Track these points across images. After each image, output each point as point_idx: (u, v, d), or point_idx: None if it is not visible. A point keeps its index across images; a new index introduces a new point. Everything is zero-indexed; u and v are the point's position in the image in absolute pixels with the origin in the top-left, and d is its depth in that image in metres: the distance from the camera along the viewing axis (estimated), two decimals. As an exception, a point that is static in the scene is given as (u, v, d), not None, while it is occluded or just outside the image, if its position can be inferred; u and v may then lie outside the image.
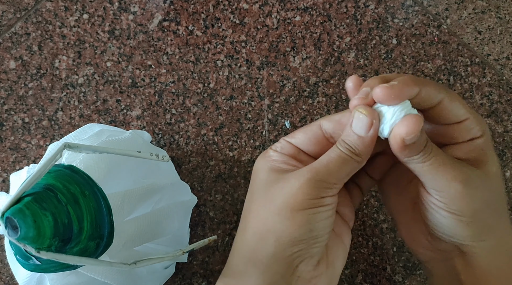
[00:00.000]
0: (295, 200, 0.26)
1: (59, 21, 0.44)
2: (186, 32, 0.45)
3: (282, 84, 0.44)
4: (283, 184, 0.27)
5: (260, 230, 0.27)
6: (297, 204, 0.26)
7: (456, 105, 0.27)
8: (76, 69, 0.44)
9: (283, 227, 0.26)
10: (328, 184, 0.26)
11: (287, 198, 0.26)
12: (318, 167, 0.26)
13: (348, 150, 0.26)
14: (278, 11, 0.45)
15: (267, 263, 0.27)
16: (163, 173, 0.39)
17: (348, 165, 0.26)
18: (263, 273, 0.27)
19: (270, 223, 0.26)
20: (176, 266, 0.42)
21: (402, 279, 0.43)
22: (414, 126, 0.24)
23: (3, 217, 0.25)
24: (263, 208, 0.27)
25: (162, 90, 0.44)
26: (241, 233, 0.29)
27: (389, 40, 0.45)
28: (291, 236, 0.26)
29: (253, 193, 0.29)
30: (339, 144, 0.27)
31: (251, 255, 0.27)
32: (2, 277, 0.42)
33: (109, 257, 0.30)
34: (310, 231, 0.26)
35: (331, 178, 0.26)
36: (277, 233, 0.26)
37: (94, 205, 0.28)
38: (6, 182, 0.43)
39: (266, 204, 0.27)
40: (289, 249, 0.26)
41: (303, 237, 0.26)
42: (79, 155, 0.30)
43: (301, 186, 0.26)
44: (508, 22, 0.46)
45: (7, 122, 0.43)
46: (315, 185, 0.26)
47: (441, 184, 0.26)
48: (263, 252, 0.27)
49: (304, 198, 0.26)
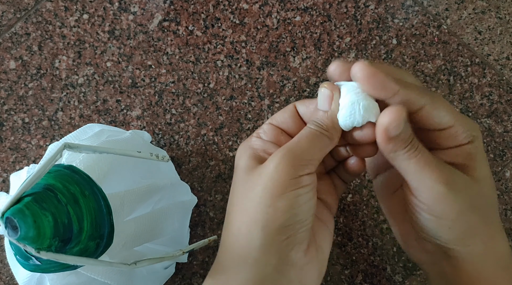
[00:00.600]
0: (273, 182, 0.25)
1: (59, 21, 0.44)
2: (186, 32, 0.45)
3: (282, 84, 0.44)
4: (261, 170, 0.26)
5: (244, 223, 0.26)
6: (276, 188, 0.25)
7: (440, 112, 0.26)
8: (76, 69, 0.44)
9: (267, 215, 0.26)
10: (302, 160, 0.26)
11: (265, 182, 0.26)
12: (290, 145, 0.27)
13: (315, 125, 0.27)
14: (278, 11, 0.45)
15: (257, 255, 0.26)
16: (163, 173, 0.39)
17: (318, 140, 0.27)
18: (254, 265, 0.26)
19: (253, 213, 0.26)
20: (176, 266, 0.42)
21: (402, 279, 0.43)
22: (396, 115, 0.24)
23: (3, 217, 0.25)
24: (245, 199, 0.27)
25: (162, 90, 0.44)
26: (226, 228, 0.28)
27: (389, 40, 0.45)
28: (276, 224, 0.26)
29: (234, 184, 0.28)
30: (310, 123, 0.28)
31: (239, 250, 0.26)
32: (2, 277, 0.42)
33: (109, 257, 0.30)
34: (295, 215, 0.26)
35: (304, 154, 0.26)
36: (262, 223, 0.26)
37: (94, 205, 0.28)
38: (6, 182, 0.43)
39: (247, 193, 0.27)
40: (277, 237, 0.26)
41: (288, 222, 0.26)
42: (79, 155, 0.30)
43: (276, 166, 0.26)
44: (508, 22, 0.46)
45: (7, 122, 0.43)
46: (290, 162, 0.26)
47: (425, 185, 0.26)
48: (251, 244, 0.26)
49: (281, 179, 0.25)
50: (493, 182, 0.29)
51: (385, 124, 0.24)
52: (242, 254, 0.26)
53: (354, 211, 0.43)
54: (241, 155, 0.29)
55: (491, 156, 0.44)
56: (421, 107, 0.26)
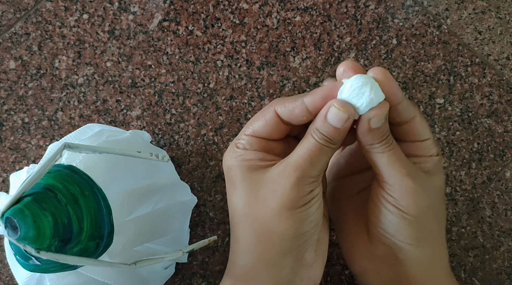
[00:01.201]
0: (291, 200, 0.27)
1: (59, 21, 0.44)
2: (186, 32, 0.45)
3: (282, 84, 0.44)
4: (273, 186, 0.27)
5: (263, 232, 0.28)
6: (294, 204, 0.27)
7: (424, 124, 0.29)
8: (76, 69, 0.44)
9: (285, 226, 0.27)
10: (313, 177, 0.28)
11: (282, 200, 0.27)
12: (302, 164, 0.27)
13: (324, 140, 0.27)
14: (278, 11, 0.45)
15: (277, 259, 0.28)
16: (163, 173, 0.39)
17: (326, 153, 0.28)
18: (273, 268, 0.28)
19: (272, 225, 0.28)
20: (176, 266, 0.42)
21: (402, 279, 0.43)
22: (381, 110, 0.26)
23: (3, 217, 0.25)
24: (259, 211, 0.28)
25: (162, 90, 0.44)
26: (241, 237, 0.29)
27: (389, 40, 0.45)
28: (295, 233, 0.28)
29: (239, 195, 0.29)
30: (315, 134, 0.27)
31: (259, 255, 0.28)
32: (1, 278, 0.42)
33: (109, 257, 0.30)
34: (310, 223, 0.28)
35: (315, 170, 0.27)
36: (281, 233, 0.28)
37: (94, 205, 0.28)
38: (6, 182, 0.43)
39: (261, 207, 0.28)
40: (295, 243, 0.28)
41: (305, 230, 0.28)
42: (79, 155, 0.30)
43: (293, 187, 0.27)
44: (508, 22, 0.46)
45: (7, 122, 0.43)
46: (304, 182, 0.27)
47: (395, 177, 0.28)
48: (271, 251, 0.28)
49: (299, 197, 0.27)
50: (444, 195, 0.32)
51: (370, 116, 0.26)
52: (262, 257, 0.28)
53: (354, 211, 0.43)
54: (235, 166, 0.29)
55: (491, 156, 0.44)
56: (412, 118, 0.28)
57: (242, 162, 0.29)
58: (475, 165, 0.44)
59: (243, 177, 0.29)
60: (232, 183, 0.29)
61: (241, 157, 0.29)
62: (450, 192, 0.44)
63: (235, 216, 0.30)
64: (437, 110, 0.44)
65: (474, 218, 0.44)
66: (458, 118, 0.44)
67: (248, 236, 0.29)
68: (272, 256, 0.28)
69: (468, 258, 0.43)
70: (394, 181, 0.28)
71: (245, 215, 0.29)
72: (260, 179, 0.28)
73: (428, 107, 0.45)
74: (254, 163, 0.29)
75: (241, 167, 0.29)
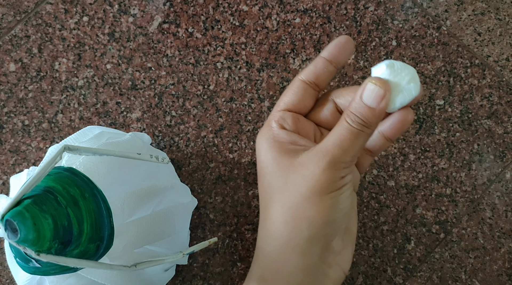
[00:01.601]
0: (320, 186, 0.26)
1: (59, 24, 0.44)
2: (186, 34, 0.45)
3: (282, 86, 0.44)
4: (303, 171, 0.27)
5: (292, 218, 0.27)
6: (323, 189, 0.27)
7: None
8: (76, 71, 0.44)
9: (314, 212, 0.27)
10: (345, 163, 0.27)
11: (312, 185, 0.27)
12: (333, 149, 0.26)
13: (359, 124, 0.26)
14: (277, 13, 0.45)
15: (305, 246, 0.27)
16: (163, 175, 0.38)
17: (360, 139, 0.27)
18: (302, 255, 0.28)
19: (301, 211, 0.27)
20: (177, 268, 0.42)
21: (402, 281, 0.43)
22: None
23: (3, 219, 0.25)
24: (288, 197, 0.27)
25: (162, 92, 0.44)
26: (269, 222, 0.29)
27: (388, 42, 0.45)
28: (324, 219, 0.27)
29: (269, 180, 0.28)
30: (349, 117, 0.27)
31: (287, 242, 0.28)
32: (2, 280, 0.42)
33: (109, 259, 0.30)
34: (340, 211, 0.27)
35: (347, 156, 0.26)
36: (309, 219, 0.27)
37: (94, 207, 0.28)
38: (6, 184, 0.43)
39: (290, 192, 0.27)
40: (323, 231, 0.27)
41: (334, 217, 0.27)
42: (79, 157, 0.30)
43: (323, 172, 0.26)
44: (508, 23, 0.46)
45: (7, 124, 0.43)
46: (335, 167, 0.26)
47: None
48: (299, 237, 0.27)
49: (327, 182, 0.26)
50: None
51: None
52: (290, 245, 0.28)
53: (354, 213, 0.43)
54: (266, 148, 0.29)
55: (491, 157, 0.44)
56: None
57: (274, 143, 0.28)
58: (475, 166, 0.44)
59: (273, 160, 0.28)
60: (263, 166, 0.29)
61: (273, 138, 0.28)
62: (451, 193, 0.44)
63: (264, 201, 0.29)
64: (437, 111, 0.45)
65: (475, 219, 0.43)
66: (458, 120, 0.44)
67: (276, 222, 0.28)
68: (299, 242, 0.27)
69: (469, 259, 0.43)
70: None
71: (274, 200, 0.28)
72: (291, 164, 0.27)
73: (428, 108, 0.45)
74: (286, 146, 0.28)
75: (273, 149, 0.28)
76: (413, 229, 0.43)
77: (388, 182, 0.44)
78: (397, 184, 0.44)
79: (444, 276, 0.43)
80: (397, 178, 0.44)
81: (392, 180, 0.44)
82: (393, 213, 0.43)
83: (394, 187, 0.44)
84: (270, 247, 0.29)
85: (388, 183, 0.44)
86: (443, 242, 0.43)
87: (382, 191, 0.44)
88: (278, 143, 0.28)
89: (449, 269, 0.43)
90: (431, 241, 0.43)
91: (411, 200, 0.44)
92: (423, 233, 0.43)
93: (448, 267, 0.43)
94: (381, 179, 0.44)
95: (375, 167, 0.44)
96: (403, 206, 0.44)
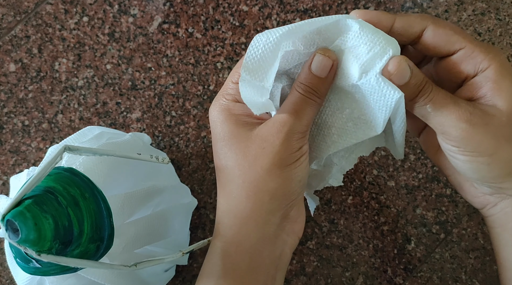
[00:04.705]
0: (281, 157, 0.27)
1: (59, 24, 0.44)
2: (186, 34, 0.45)
3: (282, 86, 0.44)
4: (262, 143, 0.27)
5: (253, 193, 0.28)
6: (283, 161, 0.27)
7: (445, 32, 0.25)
8: (76, 72, 0.44)
9: (275, 185, 0.27)
10: (301, 133, 0.27)
11: (271, 157, 0.27)
12: (288, 118, 0.27)
13: (310, 93, 0.27)
14: (277, 13, 0.45)
15: (266, 218, 0.28)
16: (163, 175, 0.39)
17: (313, 107, 0.27)
18: (263, 226, 0.28)
19: (262, 185, 0.27)
20: (176, 268, 0.42)
21: (403, 281, 0.43)
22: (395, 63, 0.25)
23: (3, 219, 0.25)
24: (249, 171, 0.27)
25: (162, 92, 0.44)
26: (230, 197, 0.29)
27: (388, 42, 0.45)
28: (284, 191, 0.27)
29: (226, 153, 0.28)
30: (300, 87, 0.27)
31: (249, 215, 0.28)
32: (2, 280, 0.42)
33: (109, 259, 0.30)
34: (299, 181, 0.28)
35: (301, 125, 0.27)
36: (271, 192, 0.27)
37: (94, 208, 0.28)
38: (6, 184, 0.43)
39: (250, 166, 0.27)
40: (284, 202, 0.28)
41: (294, 188, 0.28)
42: (79, 158, 0.30)
43: (282, 143, 0.26)
44: (508, 23, 0.46)
45: (7, 125, 0.43)
46: (293, 138, 0.27)
47: (447, 126, 0.25)
48: (261, 210, 0.28)
49: (287, 154, 0.27)
50: None
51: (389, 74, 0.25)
52: (253, 217, 0.28)
53: (354, 213, 0.43)
54: (222, 120, 0.28)
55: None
56: (424, 29, 0.26)
57: (230, 116, 0.28)
58: (475, 166, 0.44)
59: (230, 133, 0.28)
60: (219, 139, 0.28)
61: (229, 111, 0.28)
62: (451, 193, 0.44)
63: (223, 175, 0.29)
64: (437, 111, 0.45)
65: (475, 220, 0.43)
66: (458, 120, 0.44)
67: (238, 196, 0.28)
68: (261, 214, 0.28)
69: (469, 259, 0.43)
70: (448, 130, 0.25)
71: (234, 176, 0.28)
72: (248, 136, 0.27)
73: (428, 108, 0.45)
74: (242, 119, 0.28)
75: (229, 122, 0.28)
76: (413, 229, 0.43)
77: (388, 182, 0.44)
78: (397, 184, 0.44)
79: (445, 277, 0.43)
80: (397, 178, 0.44)
81: (392, 180, 0.44)
82: (393, 213, 0.43)
83: (394, 187, 0.44)
84: (232, 221, 0.29)
85: (388, 183, 0.44)
86: (444, 242, 0.43)
87: (382, 191, 0.44)
88: (234, 116, 0.28)
89: (449, 269, 0.43)
90: (431, 241, 0.43)
91: (411, 200, 0.44)
92: (423, 233, 0.43)
93: (448, 268, 0.43)
94: (381, 179, 0.44)
95: (375, 167, 0.44)
96: (403, 206, 0.44)
